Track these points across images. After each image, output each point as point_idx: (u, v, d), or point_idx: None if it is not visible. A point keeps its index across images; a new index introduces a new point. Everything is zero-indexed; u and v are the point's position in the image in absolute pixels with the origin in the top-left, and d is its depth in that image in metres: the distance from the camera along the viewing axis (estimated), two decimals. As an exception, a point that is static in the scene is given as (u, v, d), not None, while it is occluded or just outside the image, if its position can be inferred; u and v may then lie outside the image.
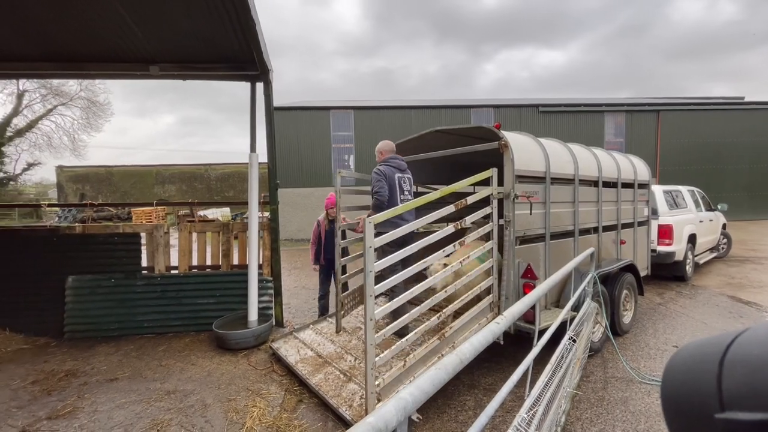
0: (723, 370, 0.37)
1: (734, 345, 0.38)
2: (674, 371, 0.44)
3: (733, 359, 0.37)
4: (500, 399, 1.37)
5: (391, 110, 17.31)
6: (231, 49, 4.44)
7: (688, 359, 0.43)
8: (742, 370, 0.36)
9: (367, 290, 2.55)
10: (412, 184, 4.23)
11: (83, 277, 4.77)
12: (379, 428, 0.67)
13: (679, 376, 0.43)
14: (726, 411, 0.35)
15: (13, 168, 25.93)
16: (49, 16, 3.90)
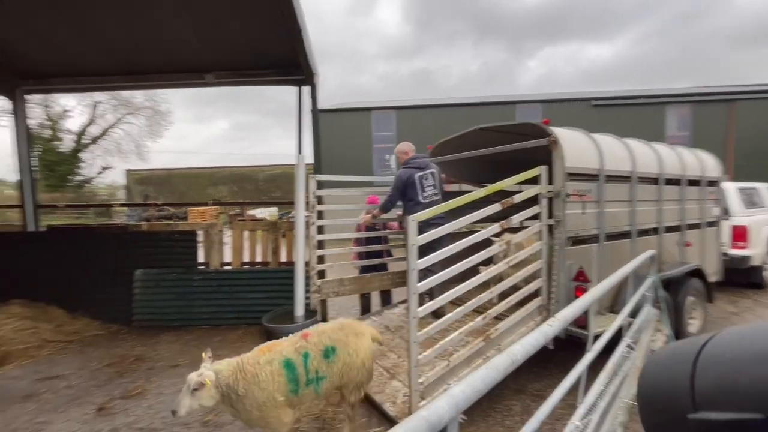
0: (696, 373, 0.38)
1: (706, 348, 0.40)
2: (650, 373, 0.46)
3: (706, 362, 0.39)
4: (552, 404, 1.32)
5: (432, 109, 17.19)
6: (279, 55, 4.64)
7: (663, 362, 0.44)
8: (713, 372, 0.37)
9: (410, 288, 2.56)
10: (437, 177, 4.26)
11: (149, 271, 5.20)
12: (432, 422, 0.68)
13: (655, 377, 0.44)
14: (699, 411, 0.37)
15: (89, 171, 28.81)
16: (124, 35, 4.30)
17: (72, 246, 5.35)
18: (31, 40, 4.56)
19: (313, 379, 2.41)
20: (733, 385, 0.33)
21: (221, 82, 5.07)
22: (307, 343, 2.50)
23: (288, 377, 2.33)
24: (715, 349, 0.38)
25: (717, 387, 0.35)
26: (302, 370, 2.38)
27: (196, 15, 4.04)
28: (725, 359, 0.36)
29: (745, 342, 0.36)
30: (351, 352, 2.53)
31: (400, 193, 4.23)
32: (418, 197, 4.14)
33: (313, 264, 4.46)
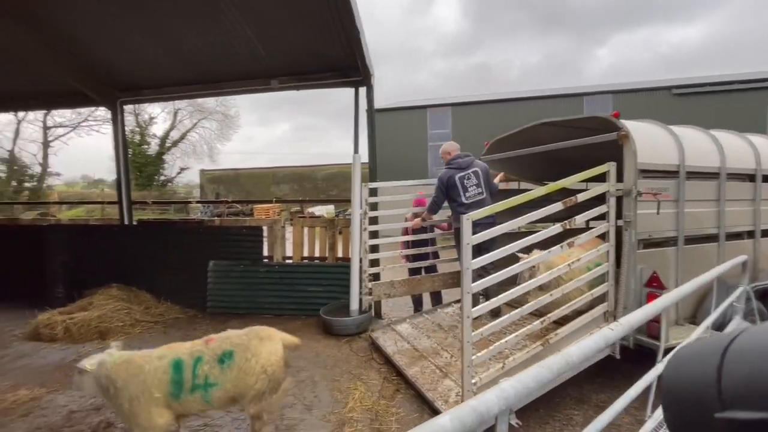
0: (722, 371, 0.37)
1: (732, 346, 0.39)
2: (675, 370, 0.45)
3: (733, 359, 0.37)
4: (614, 413, 1.25)
5: (490, 104, 16.64)
6: (337, 58, 4.81)
7: (688, 359, 0.44)
8: (740, 370, 0.36)
9: (465, 287, 2.54)
10: (481, 176, 4.15)
11: (220, 263, 5.69)
12: (480, 411, 0.69)
13: (680, 376, 0.43)
14: (726, 410, 0.35)
15: (170, 172, 32.07)
16: (200, 47, 4.75)
17: (158, 238, 6.04)
18: (128, 59, 5.22)
19: (200, 385, 2.24)
20: (763, 383, 0.32)
21: (284, 86, 5.39)
22: (206, 348, 2.35)
23: (172, 378, 2.22)
24: (743, 344, 0.37)
25: (746, 385, 0.33)
26: (189, 374, 2.24)
27: (262, 26, 4.34)
28: (754, 355, 0.34)
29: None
30: (249, 357, 2.31)
31: (443, 194, 4.23)
32: (460, 198, 4.10)
33: (366, 267, 4.57)
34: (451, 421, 0.65)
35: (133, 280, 5.69)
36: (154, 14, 4.32)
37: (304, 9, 4.08)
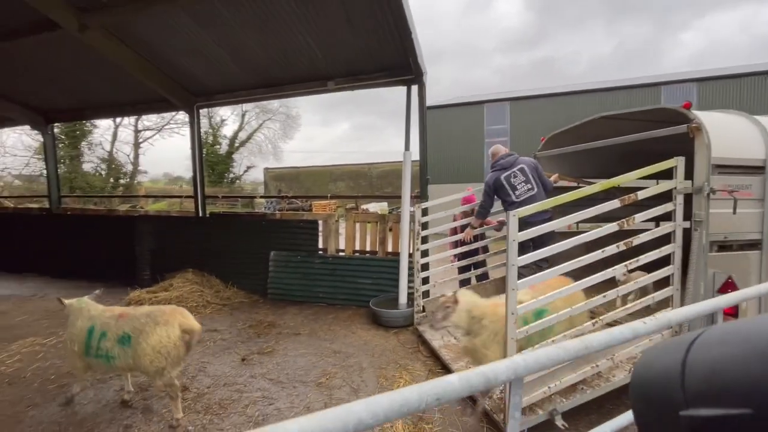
0: (685, 370, 0.38)
1: (696, 344, 0.40)
2: (643, 369, 0.46)
3: (695, 358, 0.38)
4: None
5: (551, 98, 15.77)
6: (390, 58, 4.94)
7: (656, 358, 0.44)
8: (702, 369, 0.37)
9: (509, 284, 2.54)
10: (528, 171, 4.05)
11: (280, 253, 6.13)
12: (488, 377, 0.76)
13: (647, 374, 0.44)
14: (689, 407, 0.36)
15: (238, 170, 34.64)
16: (263, 54, 5.16)
17: (227, 229, 6.66)
18: (203, 68, 5.82)
19: (102, 355, 2.72)
20: (722, 381, 0.34)
21: (340, 87, 5.64)
22: (114, 324, 2.76)
23: (85, 340, 2.78)
24: (704, 344, 0.38)
25: (707, 381, 0.35)
26: (94, 343, 2.74)
27: (320, 33, 4.62)
28: (714, 354, 0.36)
29: (733, 337, 0.36)
30: (142, 341, 2.65)
31: (490, 198, 4.25)
32: (510, 198, 4.08)
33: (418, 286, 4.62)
34: (459, 380, 0.74)
35: (206, 266, 6.34)
36: (225, 28, 4.79)
37: (359, 14, 4.27)
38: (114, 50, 5.26)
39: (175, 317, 2.79)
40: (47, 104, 7.77)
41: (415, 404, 0.69)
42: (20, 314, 5.37)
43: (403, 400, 0.68)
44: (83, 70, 6.24)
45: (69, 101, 7.57)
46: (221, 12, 4.48)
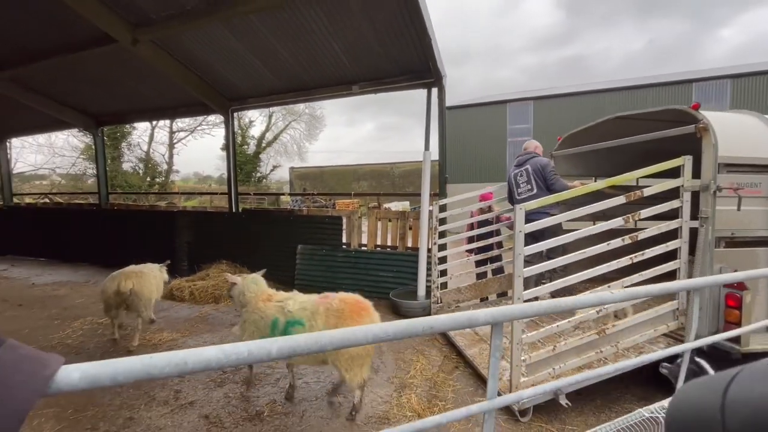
0: (725, 410, 0.36)
1: (734, 384, 0.38)
2: (678, 409, 0.44)
3: (735, 398, 0.36)
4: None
5: (577, 97, 15.57)
6: (411, 62, 5.23)
7: (691, 400, 0.43)
8: (744, 409, 0.35)
9: (516, 272, 2.78)
10: (531, 173, 4.28)
11: (306, 247, 6.53)
12: (471, 319, 1.05)
13: (683, 414, 0.43)
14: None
15: (265, 169, 35.74)
16: (293, 61, 5.56)
17: (257, 224, 7.13)
18: (237, 74, 6.30)
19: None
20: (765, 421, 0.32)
21: (364, 91, 5.97)
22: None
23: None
24: (745, 381, 0.36)
25: (751, 423, 0.33)
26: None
27: (346, 40, 4.96)
28: (757, 392, 0.34)
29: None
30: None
31: (509, 191, 4.62)
32: (514, 195, 4.43)
33: (435, 262, 4.89)
34: (447, 318, 1.03)
35: (238, 257, 6.84)
36: (259, 39, 5.22)
37: (383, 23, 4.59)
38: (161, 60, 5.80)
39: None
40: (98, 109, 8.51)
41: (418, 329, 0.98)
42: (78, 297, 6.01)
43: (407, 325, 0.98)
44: (132, 78, 6.86)
45: (117, 106, 8.28)
46: (256, 25, 4.90)
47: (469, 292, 5.14)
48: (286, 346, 0.81)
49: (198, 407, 3.01)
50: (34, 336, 4.43)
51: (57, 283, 6.98)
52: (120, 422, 2.84)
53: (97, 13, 4.83)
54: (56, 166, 23.75)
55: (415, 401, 3.14)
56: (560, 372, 2.97)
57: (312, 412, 2.96)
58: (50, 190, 22.31)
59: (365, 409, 3.03)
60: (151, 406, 3.03)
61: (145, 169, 28.06)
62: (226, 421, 2.84)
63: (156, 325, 4.75)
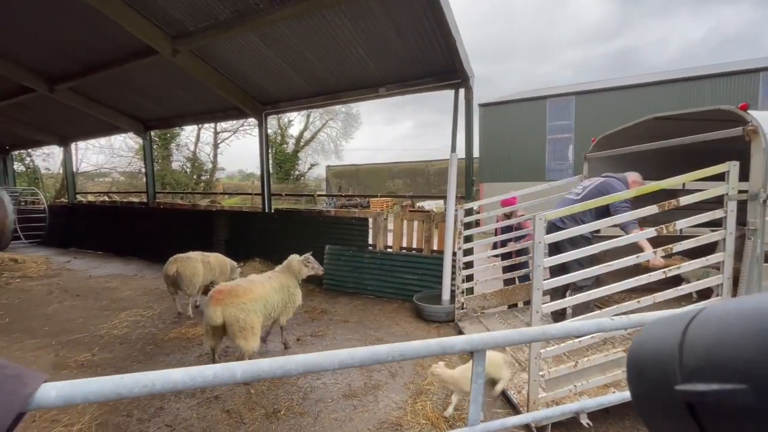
0: (684, 345, 0.39)
1: (694, 322, 0.40)
2: (640, 344, 0.47)
3: (694, 334, 0.39)
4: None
5: (623, 91, 14.60)
6: (437, 64, 5.17)
7: (653, 334, 0.45)
8: (701, 345, 0.37)
9: (535, 284, 2.68)
10: (592, 188, 3.82)
11: (334, 247, 6.66)
12: (444, 346, 1.03)
13: (644, 348, 0.45)
14: (686, 382, 0.37)
15: (302, 168, 36.73)
16: (320, 66, 5.68)
17: (288, 224, 7.37)
18: (270, 80, 6.54)
19: None
20: (720, 356, 0.35)
21: (391, 93, 5.98)
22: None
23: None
24: (704, 320, 0.39)
25: (704, 359, 0.36)
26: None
27: (372, 44, 5.00)
28: (713, 330, 0.37)
29: (733, 313, 0.37)
30: None
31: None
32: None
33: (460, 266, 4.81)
34: (419, 345, 1.01)
35: (270, 255, 7.10)
36: (288, 45, 5.38)
37: (407, 26, 4.57)
38: (198, 69, 6.14)
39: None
40: (146, 114, 9.15)
41: (384, 356, 0.99)
42: (126, 290, 6.52)
43: (373, 352, 0.99)
44: (173, 86, 7.31)
45: (161, 111, 8.85)
46: (284, 32, 5.05)
47: (495, 298, 5.02)
48: (250, 370, 0.84)
49: (221, 401, 3.18)
50: (86, 325, 4.86)
51: (110, 276, 7.61)
52: (152, 411, 3.06)
53: (141, 27, 5.19)
54: (115, 166, 25.77)
55: (430, 409, 3.13)
56: (582, 389, 2.84)
57: (327, 414, 3.04)
58: (110, 187, 24.28)
59: (378, 414, 3.06)
60: (180, 397, 3.23)
61: (192, 168, 29.75)
62: (246, 417, 2.98)
63: (191, 320, 5.06)
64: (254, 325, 3.46)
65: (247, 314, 3.43)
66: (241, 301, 3.45)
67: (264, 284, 3.81)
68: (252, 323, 3.45)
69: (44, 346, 4.26)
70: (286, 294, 3.97)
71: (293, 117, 33.12)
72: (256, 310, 3.52)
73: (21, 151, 19.28)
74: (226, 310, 3.38)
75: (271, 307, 3.75)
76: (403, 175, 33.51)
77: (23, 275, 7.56)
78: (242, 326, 3.39)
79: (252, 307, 3.49)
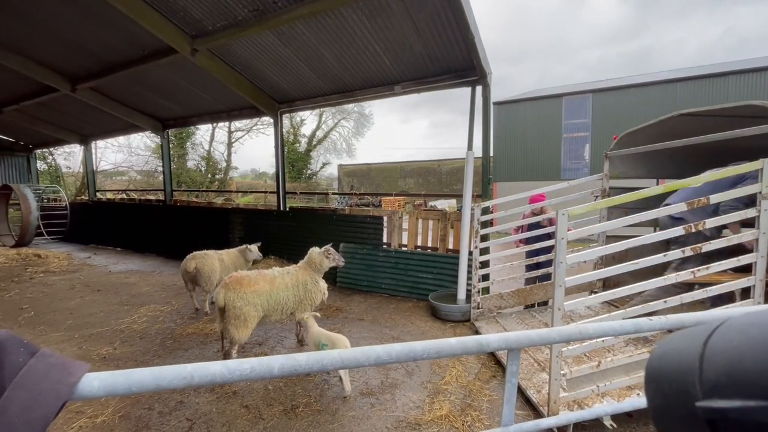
0: (704, 359, 0.38)
1: (715, 335, 0.39)
2: (659, 357, 0.46)
3: (714, 348, 0.38)
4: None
5: (642, 88, 14.25)
6: (454, 61, 5.11)
7: (672, 347, 0.45)
8: (722, 359, 0.36)
9: (557, 280, 2.63)
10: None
11: (348, 245, 6.66)
12: (481, 342, 1.00)
13: (663, 362, 0.44)
14: (706, 399, 0.35)
15: (315, 167, 36.95)
16: (337, 64, 5.67)
17: (302, 222, 7.40)
18: (286, 78, 6.57)
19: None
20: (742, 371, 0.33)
21: (407, 91, 5.95)
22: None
23: None
24: (725, 333, 0.37)
25: (726, 373, 0.34)
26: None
27: (387, 41, 4.97)
28: (734, 344, 0.35)
29: (753, 327, 0.35)
30: None
31: None
32: None
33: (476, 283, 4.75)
34: (456, 343, 0.99)
35: (284, 253, 7.16)
36: (305, 44, 5.39)
37: (425, 23, 4.53)
38: (216, 68, 6.20)
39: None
40: (163, 113, 9.30)
41: (420, 353, 0.97)
42: (145, 286, 6.65)
43: (410, 349, 0.96)
44: (191, 85, 7.41)
45: (179, 110, 8.99)
46: (301, 30, 5.06)
47: (512, 298, 4.95)
48: (287, 364, 0.83)
49: (240, 397, 3.20)
50: (107, 320, 4.96)
51: (129, 272, 7.76)
52: (172, 405, 3.10)
53: (161, 27, 5.27)
54: (132, 165, 26.33)
55: (448, 408, 3.10)
56: (605, 390, 2.77)
57: (345, 412, 3.03)
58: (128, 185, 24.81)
59: (396, 412, 3.04)
60: (199, 392, 3.27)
61: (206, 167, 30.19)
62: (264, 413, 2.99)
63: (208, 316, 5.12)
64: (247, 317, 3.57)
65: (244, 304, 3.55)
66: (243, 290, 3.59)
67: (275, 279, 3.86)
68: (246, 314, 3.56)
69: (68, 339, 4.36)
70: (302, 291, 3.97)
71: (306, 116, 33.34)
72: (255, 303, 3.62)
73: (43, 150, 19.84)
74: (228, 294, 3.56)
75: (276, 302, 3.79)
76: (415, 174, 33.40)
77: (46, 270, 7.77)
78: (236, 314, 3.53)
79: (251, 299, 3.60)
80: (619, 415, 2.82)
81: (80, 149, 13.27)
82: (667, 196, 3.70)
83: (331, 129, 35.90)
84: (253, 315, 3.63)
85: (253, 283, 3.68)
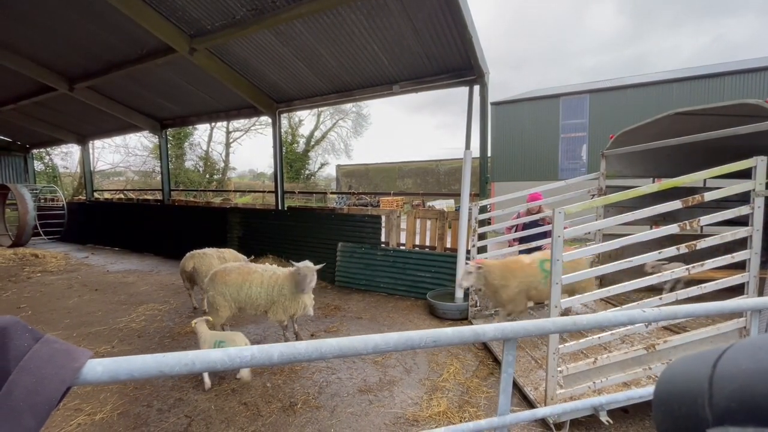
0: (713, 384, 0.37)
1: (723, 359, 0.38)
2: (667, 383, 0.45)
3: (723, 373, 0.37)
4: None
5: (639, 89, 14.32)
6: (452, 60, 5.14)
7: (680, 372, 0.44)
8: (731, 384, 0.36)
9: (554, 278, 2.65)
10: None
11: (347, 244, 6.68)
12: (477, 333, 1.02)
13: (671, 387, 0.44)
14: (716, 426, 0.35)
15: (313, 167, 36.91)
16: (335, 63, 5.69)
17: (301, 221, 7.41)
18: (284, 78, 6.58)
19: None
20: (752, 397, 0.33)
21: (405, 90, 5.97)
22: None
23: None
24: (734, 357, 0.37)
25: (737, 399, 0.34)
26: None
27: (386, 40, 4.99)
28: (744, 368, 0.35)
29: (762, 350, 0.35)
30: None
31: None
32: None
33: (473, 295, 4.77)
34: (452, 332, 1.01)
35: (283, 252, 7.16)
36: (302, 41, 5.41)
37: (423, 23, 4.56)
38: (214, 67, 6.21)
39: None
40: (162, 113, 9.29)
41: (417, 342, 0.99)
42: (143, 285, 6.64)
43: (407, 337, 0.98)
44: (189, 85, 7.41)
45: (178, 110, 8.98)
46: (300, 30, 5.08)
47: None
48: (287, 352, 0.85)
49: (239, 394, 3.21)
50: (106, 318, 4.96)
51: (127, 271, 7.75)
52: (171, 402, 3.11)
53: (160, 26, 5.28)
54: (129, 165, 26.24)
55: (445, 405, 3.11)
56: (602, 387, 2.79)
57: (343, 408, 3.05)
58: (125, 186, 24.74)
59: (394, 409, 3.06)
60: (198, 389, 3.28)
61: (204, 167, 30.13)
62: (263, 410, 3.00)
63: (206, 314, 5.12)
64: (218, 306, 3.85)
65: (215, 293, 3.85)
66: (218, 280, 3.88)
67: (251, 274, 3.94)
68: (216, 303, 3.86)
69: (65, 338, 4.34)
70: (275, 293, 3.90)
71: (304, 117, 33.29)
72: (223, 293, 3.84)
73: (41, 150, 19.76)
74: (208, 283, 3.99)
75: (247, 296, 3.86)
76: (413, 174, 33.41)
77: (44, 270, 7.75)
78: (210, 301, 3.91)
79: (220, 289, 3.84)
80: (615, 411, 2.85)
81: (77, 149, 13.24)
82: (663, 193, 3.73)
83: (329, 129, 35.90)
84: (222, 304, 3.84)
85: (226, 275, 3.91)
